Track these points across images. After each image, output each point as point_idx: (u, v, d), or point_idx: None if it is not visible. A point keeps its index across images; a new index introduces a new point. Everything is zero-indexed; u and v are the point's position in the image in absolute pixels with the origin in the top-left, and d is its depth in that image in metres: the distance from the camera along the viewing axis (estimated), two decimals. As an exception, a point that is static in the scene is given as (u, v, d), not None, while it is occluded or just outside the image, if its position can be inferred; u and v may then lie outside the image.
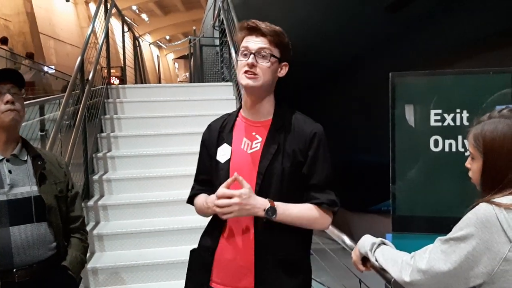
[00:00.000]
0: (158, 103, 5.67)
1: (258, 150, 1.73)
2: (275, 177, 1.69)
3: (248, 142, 1.76)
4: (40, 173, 1.90)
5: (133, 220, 4.20)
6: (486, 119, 1.40)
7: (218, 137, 1.81)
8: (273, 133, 1.74)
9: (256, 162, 1.71)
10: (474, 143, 1.39)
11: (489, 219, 1.23)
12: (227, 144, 1.77)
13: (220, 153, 1.78)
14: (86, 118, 4.57)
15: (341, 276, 2.88)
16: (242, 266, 1.69)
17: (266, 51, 1.69)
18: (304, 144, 1.72)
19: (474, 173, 1.41)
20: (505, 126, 1.34)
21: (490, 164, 1.35)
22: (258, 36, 1.71)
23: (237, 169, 1.69)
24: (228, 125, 1.82)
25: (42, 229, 1.86)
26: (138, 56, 9.37)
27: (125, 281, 3.64)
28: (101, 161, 4.81)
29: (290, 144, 1.72)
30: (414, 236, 2.15)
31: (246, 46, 1.70)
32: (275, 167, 1.69)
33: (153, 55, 35.02)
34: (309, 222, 1.71)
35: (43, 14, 20.02)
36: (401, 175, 2.24)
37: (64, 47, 22.22)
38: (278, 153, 1.70)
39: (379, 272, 1.55)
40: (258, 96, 1.75)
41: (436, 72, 2.34)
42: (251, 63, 1.68)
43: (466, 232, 1.26)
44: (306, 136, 1.73)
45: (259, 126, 1.77)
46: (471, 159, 1.43)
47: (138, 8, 33.72)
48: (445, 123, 2.18)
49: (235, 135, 1.79)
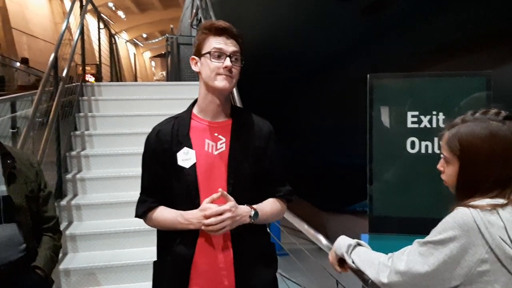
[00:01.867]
0: (134, 101, 5.60)
1: (225, 151, 1.73)
2: (245, 176, 1.72)
3: (212, 143, 1.74)
4: (9, 172, 1.83)
5: (107, 220, 4.13)
6: (460, 122, 1.39)
7: (171, 142, 1.73)
8: (237, 132, 1.75)
9: (225, 162, 1.71)
10: (449, 147, 1.38)
11: (467, 222, 1.24)
12: (188, 148, 1.71)
13: (181, 158, 1.70)
14: (59, 115, 4.48)
15: (318, 276, 2.89)
16: (222, 267, 1.69)
17: (238, 54, 1.72)
18: (264, 141, 1.78)
19: (449, 176, 1.40)
20: (481, 129, 1.32)
21: (468, 168, 1.34)
22: (229, 38, 1.71)
23: (205, 172, 1.69)
24: (183, 128, 1.75)
25: (11, 230, 1.80)
26: (114, 53, 9.24)
27: (98, 282, 3.57)
28: (74, 160, 4.71)
29: (252, 141, 1.76)
30: (390, 236, 2.17)
31: (219, 48, 1.69)
32: (244, 165, 1.72)
33: (129, 53, 34.65)
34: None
35: (16, 8, 19.57)
36: (378, 176, 2.26)
37: (38, 43, 21.76)
38: (244, 151, 1.73)
39: (356, 273, 1.55)
40: (226, 98, 1.76)
41: (413, 74, 2.36)
42: (230, 66, 1.68)
43: (444, 236, 1.26)
44: (265, 133, 1.80)
45: (220, 127, 1.76)
46: (444, 162, 1.42)
47: (114, 5, 33.33)
48: (421, 124, 2.20)
49: (194, 137, 1.74)
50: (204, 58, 1.71)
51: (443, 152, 1.41)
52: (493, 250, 1.21)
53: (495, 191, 1.29)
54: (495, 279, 1.22)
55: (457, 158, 1.36)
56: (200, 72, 1.74)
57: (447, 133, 1.40)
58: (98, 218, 4.13)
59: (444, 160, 1.41)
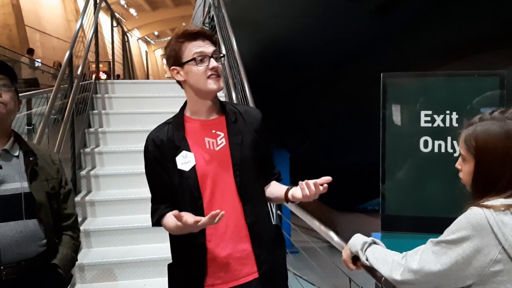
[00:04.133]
0: (147, 99, 5.65)
1: (226, 145, 1.76)
2: (249, 165, 1.76)
3: (212, 140, 1.76)
4: (31, 169, 1.85)
5: (120, 216, 4.18)
6: (478, 121, 1.39)
7: (169, 148, 1.74)
8: (232, 125, 1.79)
9: (227, 156, 1.74)
10: (466, 145, 1.38)
11: (480, 222, 1.25)
12: (186, 151, 1.72)
13: (180, 162, 1.71)
14: (74, 113, 4.53)
15: (329, 274, 2.90)
16: (239, 257, 1.74)
17: (218, 53, 1.75)
18: (258, 127, 1.85)
19: (465, 175, 1.41)
20: (497, 128, 1.33)
21: (483, 167, 1.35)
22: (204, 40, 1.72)
23: (208, 172, 1.72)
24: (178, 132, 1.75)
25: (32, 226, 1.82)
26: (127, 51, 9.30)
27: (112, 277, 3.62)
28: (88, 157, 4.77)
29: (248, 130, 1.81)
30: (403, 235, 2.17)
31: (200, 51, 1.70)
32: (245, 155, 1.76)
33: (141, 51, 34.80)
34: None
35: (29, 6, 19.76)
36: (391, 175, 2.26)
37: (50, 41, 21.95)
38: (243, 142, 1.77)
39: (369, 271, 1.57)
40: (216, 96, 1.80)
41: (427, 73, 2.36)
42: (217, 66, 1.71)
43: (457, 236, 1.27)
44: (258, 120, 1.86)
45: (215, 123, 1.79)
46: (461, 161, 1.43)
47: (126, 3, 33.51)
48: (435, 124, 2.20)
49: (191, 139, 1.75)
50: (188, 66, 1.71)
51: (460, 150, 1.42)
52: (506, 251, 1.22)
53: (510, 191, 1.30)
54: (508, 279, 1.23)
55: (472, 156, 1.37)
56: (186, 80, 1.74)
57: (464, 132, 1.41)
58: (111, 214, 4.18)
59: (462, 159, 1.43)
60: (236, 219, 1.74)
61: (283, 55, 6.72)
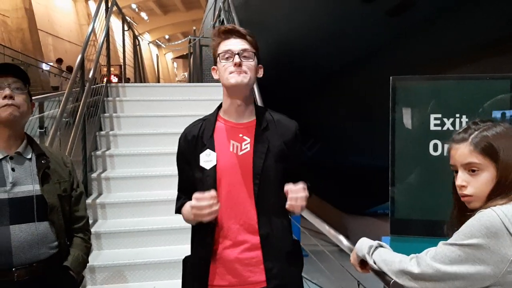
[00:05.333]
0: (158, 102, 5.68)
1: (249, 151, 1.75)
2: (270, 176, 1.74)
3: (237, 144, 1.76)
4: (43, 172, 1.87)
5: (131, 218, 4.20)
6: (484, 127, 1.34)
7: (197, 144, 1.78)
8: (261, 132, 1.77)
9: (249, 163, 1.74)
10: (484, 152, 1.31)
11: (494, 224, 1.23)
12: (210, 150, 1.75)
13: (203, 159, 1.75)
14: (85, 116, 4.57)
15: (339, 277, 2.90)
16: (248, 264, 1.73)
17: (249, 51, 1.73)
18: (290, 139, 1.80)
19: (482, 185, 1.32)
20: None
21: (507, 170, 1.29)
22: (237, 38, 1.74)
23: (228, 174, 1.73)
24: (207, 131, 1.79)
25: (44, 228, 1.84)
26: (138, 55, 9.37)
27: (122, 279, 3.64)
28: (99, 159, 4.81)
29: (277, 140, 1.77)
30: (412, 239, 2.17)
31: (227, 49, 1.72)
32: (269, 165, 1.74)
33: (152, 54, 35.01)
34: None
35: (42, 10, 20.01)
36: (400, 179, 2.26)
37: (63, 44, 22.19)
38: (269, 151, 1.74)
39: (378, 274, 1.56)
40: (245, 95, 1.78)
41: (437, 76, 2.36)
42: (239, 62, 1.70)
43: (472, 241, 1.24)
44: (291, 131, 1.81)
45: (244, 128, 1.79)
46: (470, 173, 1.34)
47: (137, 7, 33.76)
48: (444, 127, 2.20)
49: (218, 139, 1.78)
50: (218, 63, 1.75)
51: (473, 160, 1.32)
52: None
53: None
54: None
55: (494, 162, 1.30)
56: (219, 77, 1.78)
57: (473, 140, 1.33)
58: (122, 217, 4.20)
59: (470, 171, 1.34)
60: (249, 226, 1.74)
61: (294, 57, 6.72)
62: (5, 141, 1.84)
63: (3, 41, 15.90)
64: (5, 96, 1.78)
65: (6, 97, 1.78)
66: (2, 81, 1.81)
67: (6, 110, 1.78)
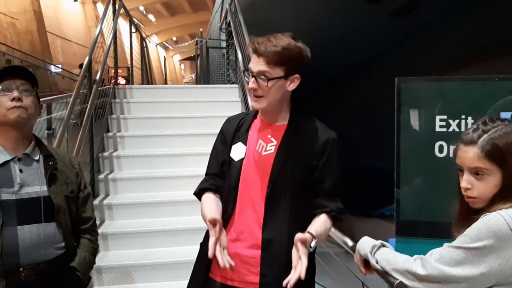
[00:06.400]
0: (165, 104, 5.70)
1: (272, 153, 1.75)
2: (286, 182, 1.71)
3: (263, 144, 1.78)
4: (50, 173, 1.89)
5: (138, 219, 4.22)
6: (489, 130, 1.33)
7: (234, 135, 1.83)
8: (288, 137, 1.76)
9: (269, 165, 1.73)
10: (490, 156, 1.30)
11: (501, 228, 1.23)
12: (242, 144, 1.80)
13: (234, 151, 1.80)
14: (93, 117, 4.60)
15: (344, 279, 2.89)
16: (247, 262, 1.72)
17: (265, 74, 1.66)
18: (319, 150, 1.74)
19: (487, 188, 1.32)
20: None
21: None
22: (258, 57, 1.68)
23: (249, 170, 1.75)
24: (245, 125, 1.85)
25: (51, 229, 1.86)
26: (145, 56, 9.40)
27: (129, 280, 3.66)
28: (107, 161, 4.83)
29: (304, 149, 1.74)
30: (417, 240, 2.16)
31: (250, 67, 1.71)
32: (287, 171, 1.71)
33: (159, 56, 35.14)
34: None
35: (50, 12, 20.16)
36: (406, 180, 2.25)
37: (71, 46, 22.34)
38: (291, 158, 1.72)
39: (382, 275, 1.55)
40: (268, 111, 1.78)
41: (442, 78, 2.35)
42: (252, 87, 1.70)
43: (479, 245, 1.24)
44: (321, 142, 1.74)
45: (275, 130, 1.79)
46: (475, 177, 1.35)
47: (145, 9, 33.89)
48: (450, 128, 2.19)
49: (251, 135, 1.81)
50: None
51: (480, 165, 1.32)
52: None
53: None
54: None
55: (500, 167, 1.30)
56: None
57: (481, 144, 1.32)
58: (129, 218, 4.22)
59: (476, 175, 1.34)
60: (256, 226, 1.73)
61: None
62: (13, 143, 1.86)
63: (12, 43, 16.05)
64: (13, 98, 1.80)
65: (15, 99, 1.81)
66: (11, 83, 1.83)
67: (14, 112, 1.80)
